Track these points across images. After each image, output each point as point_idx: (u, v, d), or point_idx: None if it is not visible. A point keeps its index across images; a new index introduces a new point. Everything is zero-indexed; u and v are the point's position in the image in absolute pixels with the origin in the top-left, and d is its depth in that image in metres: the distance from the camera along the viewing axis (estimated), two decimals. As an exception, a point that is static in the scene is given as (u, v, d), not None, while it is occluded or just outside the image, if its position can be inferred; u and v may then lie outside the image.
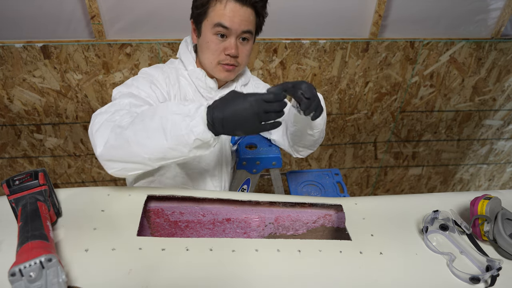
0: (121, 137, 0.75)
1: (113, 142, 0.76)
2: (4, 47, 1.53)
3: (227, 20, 0.94)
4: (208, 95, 1.09)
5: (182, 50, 1.09)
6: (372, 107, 1.99)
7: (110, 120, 0.79)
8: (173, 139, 0.72)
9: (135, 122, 0.75)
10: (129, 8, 1.54)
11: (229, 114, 0.71)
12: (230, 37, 0.97)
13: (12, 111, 1.72)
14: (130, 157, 0.77)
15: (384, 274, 0.81)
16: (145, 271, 0.74)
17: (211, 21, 0.96)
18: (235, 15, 0.94)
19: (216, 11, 0.94)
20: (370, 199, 1.06)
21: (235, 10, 0.94)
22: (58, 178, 2.03)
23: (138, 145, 0.74)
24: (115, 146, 0.76)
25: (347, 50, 1.75)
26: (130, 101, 0.88)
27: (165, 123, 0.72)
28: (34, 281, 0.58)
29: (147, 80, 0.99)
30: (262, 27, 1.07)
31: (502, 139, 2.31)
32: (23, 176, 0.78)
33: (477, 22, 1.80)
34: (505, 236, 0.86)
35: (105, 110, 0.83)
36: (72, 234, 0.80)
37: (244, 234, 1.06)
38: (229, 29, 0.95)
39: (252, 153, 1.19)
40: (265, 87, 1.25)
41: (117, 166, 0.80)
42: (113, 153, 0.77)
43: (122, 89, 0.94)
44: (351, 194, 2.43)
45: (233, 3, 0.93)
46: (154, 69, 1.06)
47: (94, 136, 0.79)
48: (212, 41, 0.98)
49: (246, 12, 0.95)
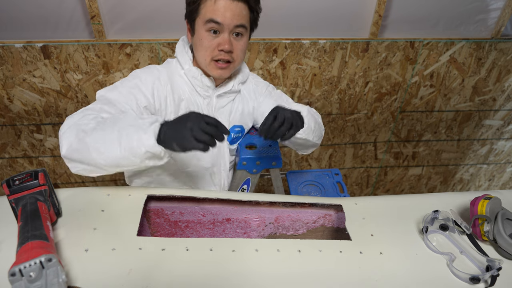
0: (82, 142, 0.80)
1: (75, 146, 0.81)
2: (4, 47, 1.53)
3: (219, 16, 0.94)
4: (205, 94, 1.09)
5: (178, 49, 1.09)
6: (372, 107, 1.99)
7: (77, 123, 0.84)
8: (126, 150, 0.78)
9: (97, 130, 0.81)
10: (129, 8, 1.54)
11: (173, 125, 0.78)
12: (223, 33, 0.97)
13: (12, 111, 1.72)
14: (88, 160, 0.82)
15: (384, 274, 0.81)
16: (145, 271, 0.74)
17: (203, 17, 0.96)
18: (226, 9, 0.94)
19: (207, 8, 0.94)
20: (370, 199, 1.06)
21: (226, 5, 0.94)
22: (58, 178, 2.03)
23: (96, 151, 0.80)
24: (77, 149, 0.81)
25: (347, 50, 1.75)
26: (102, 107, 0.91)
27: (120, 134, 0.78)
28: (34, 281, 0.58)
29: (132, 84, 1.00)
30: (257, 22, 1.06)
31: (502, 139, 2.31)
32: (23, 176, 0.78)
33: (477, 22, 1.80)
34: (505, 236, 0.86)
35: (76, 113, 0.88)
36: (72, 234, 0.80)
37: (244, 234, 1.06)
38: (221, 24, 0.95)
39: (252, 153, 1.19)
40: (266, 85, 1.25)
41: (78, 167, 0.85)
42: (75, 155, 0.83)
43: (104, 93, 0.96)
44: (351, 194, 2.43)
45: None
46: (145, 70, 1.06)
47: (61, 138, 0.84)
48: (205, 38, 0.98)
49: (238, 6, 0.95)
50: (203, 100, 1.10)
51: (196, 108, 1.09)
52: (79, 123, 0.84)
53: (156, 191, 0.95)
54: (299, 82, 1.82)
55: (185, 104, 1.08)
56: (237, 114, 1.17)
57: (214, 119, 0.80)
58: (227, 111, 1.15)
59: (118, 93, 0.96)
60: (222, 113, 1.14)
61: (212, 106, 1.11)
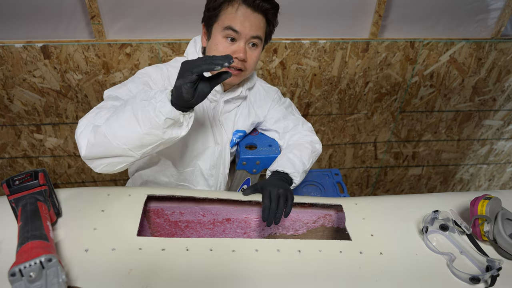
0: (99, 133, 0.78)
1: (93, 141, 0.79)
2: (4, 47, 1.53)
3: (238, 24, 0.95)
4: (213, 98, 1.09)
5: (190, 50, 1.09)
6: (372, 107, 1.99)
7: (91, 122, 0.82)
8: (146, 124, 0.75)
9: (110, 117, 0.78)
10: (129, 8, 1.54)
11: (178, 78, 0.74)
12: (240, 41, 0.98)
13: (12, 111, 1.72)
14: (111, 151, 0.79)
15: (384, 274, 0.81)
16: (145, 271, 0.74)
17: (221, 24, 0.97)
18: (246, 19, 0.95)
19: (227, 15, 0.95)
20: (370, 199, 1.06)
21: (246, 14, 0.95)
22: (58, 178, 2.03)
23: (115, 137, 0.77)
24: (96, 144, 0.79)
25: (347, 50, 1.75)
26: (113, 103, 0.90)
27: (136, 111, 0.75)
28: (34, 281, 0.58)
29: (142, 81, 1.00)
30: (271, 35, 1.08)
31: (502, 139, 2.31)
32: (23, 176, 0.78)
33: (477, 22, 1.80)
34: (505, 236, 0.86)
35: (88, 113, 0.86)
36: (72, 234, 0.80)
37: (244, 234, 1.06)
38: (239, 33, 0.96)
39: (252, 153, 1.19)
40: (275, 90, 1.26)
41: (102, 163, 0.83)
42: (95, 151, 0.80)
43: (112, 91, 0.95)
44: (351, 194, 2.43)
45: (245, 8, 0.94)
46: (154, 69, 1.06)
47: (78, 139, 0.82)
48: (221, 44, 0.98)
49: (257, 18, 0.97)
50: (210, 104, 1.10)
51: (201, 110, 1.09)
52: (93, 121, 0.83)
53: (156, 191, 0.95)
54: (299, 82, 1.82)
55: None
56: (241, 119, 1.18)
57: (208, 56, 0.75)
58: (232, 116, 1.16)
59: (127, 90, 0.95)
60: (228, 117, 1.15)
61: (218, 110, 1.11)
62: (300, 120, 1.26)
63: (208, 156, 1.14)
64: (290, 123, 1.23)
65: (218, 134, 1.13)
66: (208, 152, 1.14)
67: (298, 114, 1.29)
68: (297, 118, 1.26)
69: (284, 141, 1.22)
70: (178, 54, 1.63)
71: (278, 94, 1.26)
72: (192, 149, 1.11)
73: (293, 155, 1.10)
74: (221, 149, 1.15)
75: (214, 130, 1.12)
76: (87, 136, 0.80)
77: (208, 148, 1.13)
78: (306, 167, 1.12)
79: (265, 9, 0.97)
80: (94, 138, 0.79)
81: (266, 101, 1.22)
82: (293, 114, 1.26)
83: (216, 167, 1.17)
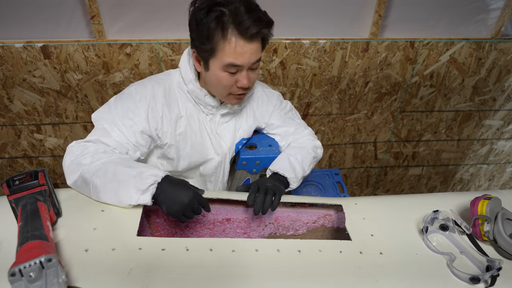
0: (85, 183, 0.90)
1: (79, 184, 0.92)
2: (4, 47, 1.53)
3: (239, 59, 0.91)
4: (209, 112, 1.09)
5: (183, 64, 1.04)
6: (372, 107, 1.99)
7: (79, 161, 0.92)
8: (119, 202, 0.89)
9: (99, 175, 0.89)
10: (129, 8, 1.54)
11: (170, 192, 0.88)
12: (241, 71, 0.95)
13: (12, 111, 1.72)
14: (88, 194, 0.93)
15: (384, 274, 0.81)
16: (145, 271, 0.74)
17: (221, 61, 0.92)
18: (245, 51, 0.91)
19: (225, 52, 0.90)
20: (370, 199, 1.06)
21: (245, 47, 0.90)
22: (58, 178, 2.03)
23: (95, 193, 0.90)
24: (81, 187, 0.93)
25: (347, 50, 1.75)
26: (98, 138, 0.96)
27: (119, 187, 0.88)
28: (34, 281, 0.58)
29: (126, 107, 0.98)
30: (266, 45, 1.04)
31: (502, 139, 2.31)
32: (23, 176, 0.78)
33: (477, 22, 1.80)
34: (505, 236, 0.86)
35: (75, 147, 0.96)
36: (72, 234, 0.80)
37: (244, 234, 1.06)
38: (241, 66, 0.93)
39: (252, 153, 1.19)
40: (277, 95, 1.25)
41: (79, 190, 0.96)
42: (79, 189, 0.94)
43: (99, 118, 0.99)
44: (351, 194, 2.43)
45: (242, 41, 0.89)
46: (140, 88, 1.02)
47: (65, 171, 0.93)
48: (225, 78, 0.96)
49: (254, 45, 0.92)
50: (206, 116, 1.10)
51: (197, 124, 1.08)
52: (81, 161, 0.91)
53: (156, 191, 0.95)
54: (299, 82, 1.82)
55: (184, 121, 1.06)
56: (243, 127, 1.18)
57: (205, 200, 0.90)
58: (231, 126, 1.15)
59: (112, 122, 0.97)
60: (226, 128, 1.14)
61: (215, 122, 1.11)
62: (301, 124, 1.27)
63: (208, 166, 1.16)
64: (291, 128, 1.24)
65: (217, 145, 1.13)
66: (208, 163, 1.15)
67: (299, 119, 1.29)
68: (298, 123, 1.26)
69: (286, 143, 1.23)
70: (178, 54, 1.63)
71: (280, 99, 1.26)
72: (192, 161, 1.13)
73: (295, 159, 1.11)
74: (222, 159, 1.16)
75: (213, 142, 1.12)
76: (74, 176, 0.91)
77: (208, 159, 1.14)
78: (306, 173, 1.15)
79: (263, 35, 0.93)
80: (81, 183, 0.91)
81: (268, 107, 1.22)
82: (294, 119, 1.26)
83: (216, 174, 1.19)
